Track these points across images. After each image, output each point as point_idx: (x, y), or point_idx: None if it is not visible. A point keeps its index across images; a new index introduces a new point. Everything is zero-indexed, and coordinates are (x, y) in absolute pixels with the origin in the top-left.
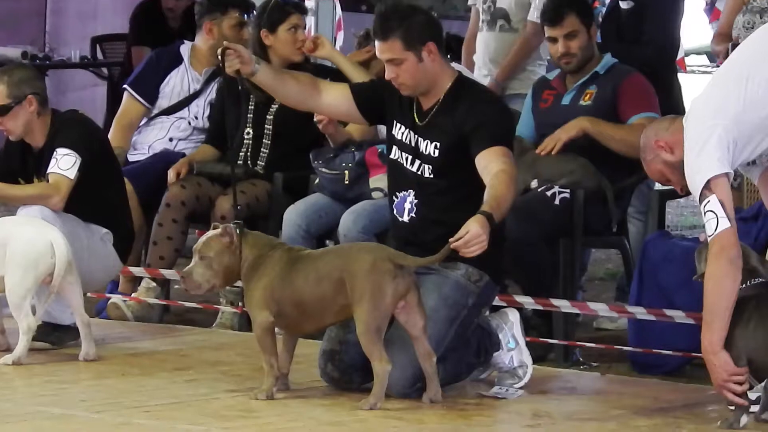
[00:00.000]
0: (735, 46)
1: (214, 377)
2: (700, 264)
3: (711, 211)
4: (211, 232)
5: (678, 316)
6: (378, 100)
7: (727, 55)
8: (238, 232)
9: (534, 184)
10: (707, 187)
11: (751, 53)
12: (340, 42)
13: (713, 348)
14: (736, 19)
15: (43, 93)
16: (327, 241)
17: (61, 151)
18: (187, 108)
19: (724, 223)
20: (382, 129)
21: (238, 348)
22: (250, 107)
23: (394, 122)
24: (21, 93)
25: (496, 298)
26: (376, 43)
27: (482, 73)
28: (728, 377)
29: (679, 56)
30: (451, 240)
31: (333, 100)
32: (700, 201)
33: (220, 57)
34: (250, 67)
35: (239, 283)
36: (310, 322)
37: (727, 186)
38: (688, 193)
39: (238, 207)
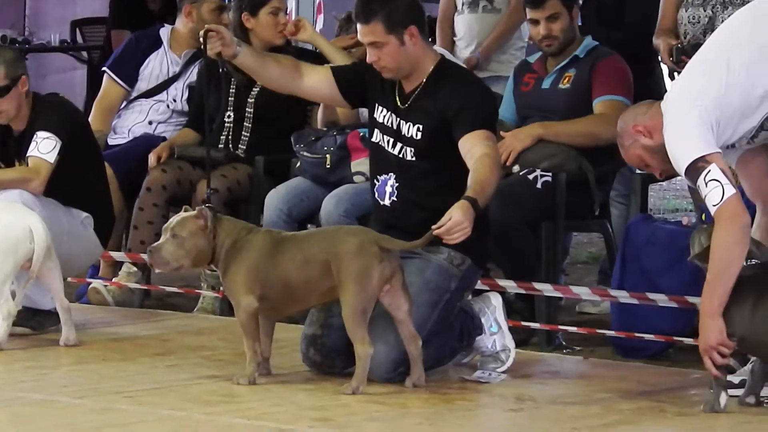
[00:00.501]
0: (683, 43)
1: (196, 362)
2: (694, 247)
3: (714, 179)
4: (185, 213)
5: (661, 299)
6: (360, 83)
7: (670, 54)
8: (212, 215)
9: (516, 168)
10: (702, 159)
11: (730, 37)
12: (320, 25)
13: (712, 312)
14: (680, 15)
15: (28, 74)
16: (309, 225)
17: (41, 135)
18: (165, 91)
19: (730, 189)
20: (364, 113)
21: (220, 333)
22: (231, 90)
23: (376, 105)
24: (16, 74)
25: (479, 282)
26: (358, 26)
27: (464, 55)
28: (716, 344)
29: None
30: (433, 227)
31: (315, 83)
32: (697, 174)
33: (202, 39)
34: (232, 49)
35: None
36: (294, 304)
37: (722, 158)
38: (667, 178)
39: (212, 190)
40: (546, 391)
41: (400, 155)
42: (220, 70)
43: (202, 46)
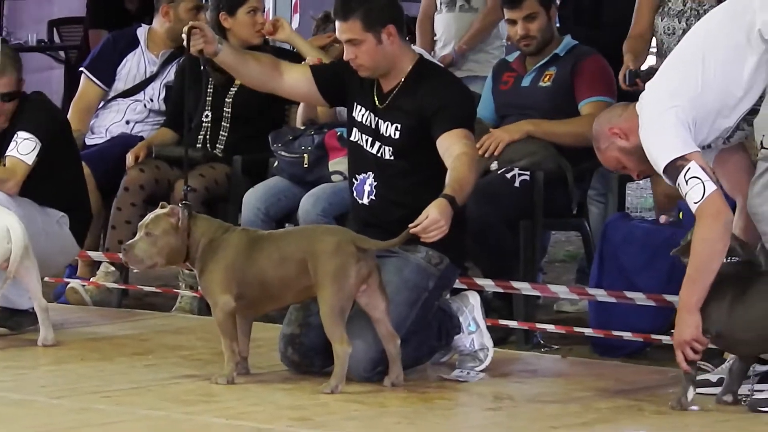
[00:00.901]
0: (660, 51)
1: (174, 362)
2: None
3: (694, 177)
4: (159, 210)
5: (638, 298)
6: (338, 82)
7: (624, 78)
8: (186, 213)
9: (494, 166)
10: (682, 157)
11: (705, 36)
12: (295, 24)
13: (690, 307)
14: (656, 23)
15: None
16: (286, 224)
17: (22, 135)
18: (143, 91)
19: (711, 186)
20: (343, 111)
21: (198, 332)
22: (209, 90)
23: (355, 104)
24: (21, 77)
25: (457, 280)
26: (336, 23)
27: (443, 54)
28: (690, 339)
29: None
30: (410, 225)
31: (294, 82)
32: (677, 173)
33: (185, 36)
34: (214, 46)
35: None
36: (270, 302)
37: (701, 156)
38: (644, 178)
39: (189, 188)
40: (524, 390)
41: (379, 154)
42: (201, 68)
43: (185, 43)
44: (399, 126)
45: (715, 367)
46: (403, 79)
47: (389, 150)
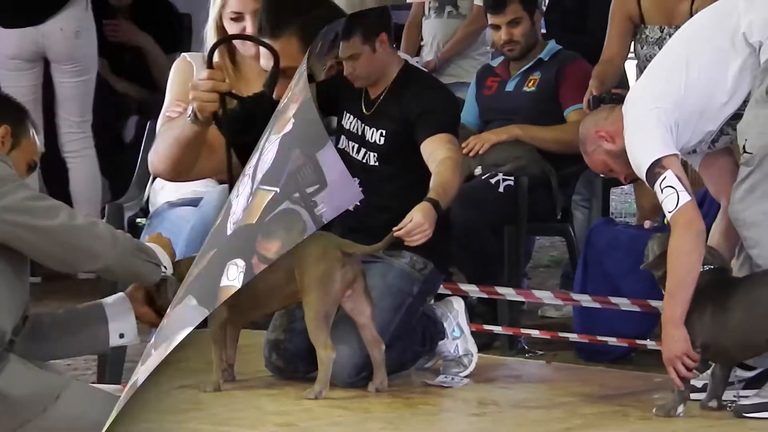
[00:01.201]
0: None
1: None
2: (648, 256)
3: (669, 186)
4: None
5: (623, 303)
6: (333, 91)
7: (588, 104)
8: None
9: (478, 170)
10: (659, 165)
11: (689, 40)
12: None
13: (675, 321)
14: (636, 52)
15: None
16: None
17: None
18: None
19: (685, 197)
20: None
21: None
22: None
23: (345, 113)
24: None
25: (441, 286)
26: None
27: (429, 59)
28: (681, 354)
29: None
30: (394, 229)
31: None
32: (654, 180)
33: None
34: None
35: None
36: (257, 309)
37: (679, 163)
38: (631, 182)
39: None
40: (508, 396)
41: (364, 160)
42: None
43: None
44: (384, 132)
45: (700, 373)
46: (389, 85)
47: (374, 156)
